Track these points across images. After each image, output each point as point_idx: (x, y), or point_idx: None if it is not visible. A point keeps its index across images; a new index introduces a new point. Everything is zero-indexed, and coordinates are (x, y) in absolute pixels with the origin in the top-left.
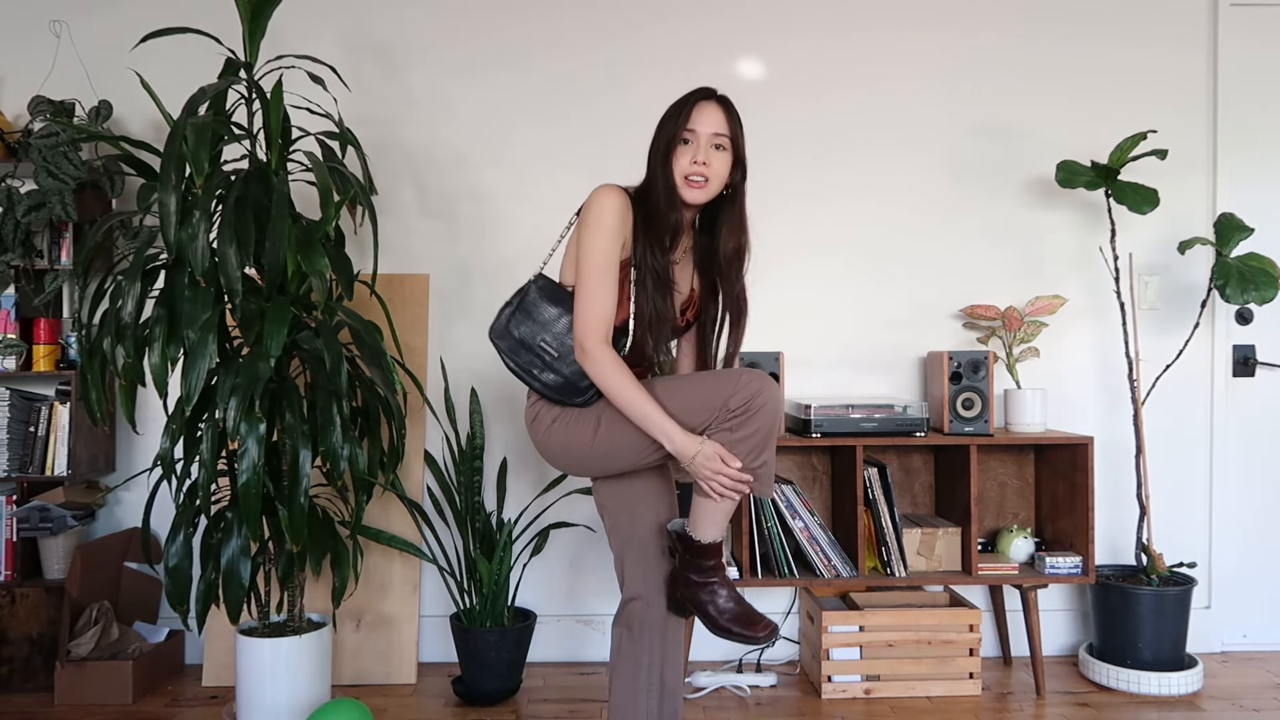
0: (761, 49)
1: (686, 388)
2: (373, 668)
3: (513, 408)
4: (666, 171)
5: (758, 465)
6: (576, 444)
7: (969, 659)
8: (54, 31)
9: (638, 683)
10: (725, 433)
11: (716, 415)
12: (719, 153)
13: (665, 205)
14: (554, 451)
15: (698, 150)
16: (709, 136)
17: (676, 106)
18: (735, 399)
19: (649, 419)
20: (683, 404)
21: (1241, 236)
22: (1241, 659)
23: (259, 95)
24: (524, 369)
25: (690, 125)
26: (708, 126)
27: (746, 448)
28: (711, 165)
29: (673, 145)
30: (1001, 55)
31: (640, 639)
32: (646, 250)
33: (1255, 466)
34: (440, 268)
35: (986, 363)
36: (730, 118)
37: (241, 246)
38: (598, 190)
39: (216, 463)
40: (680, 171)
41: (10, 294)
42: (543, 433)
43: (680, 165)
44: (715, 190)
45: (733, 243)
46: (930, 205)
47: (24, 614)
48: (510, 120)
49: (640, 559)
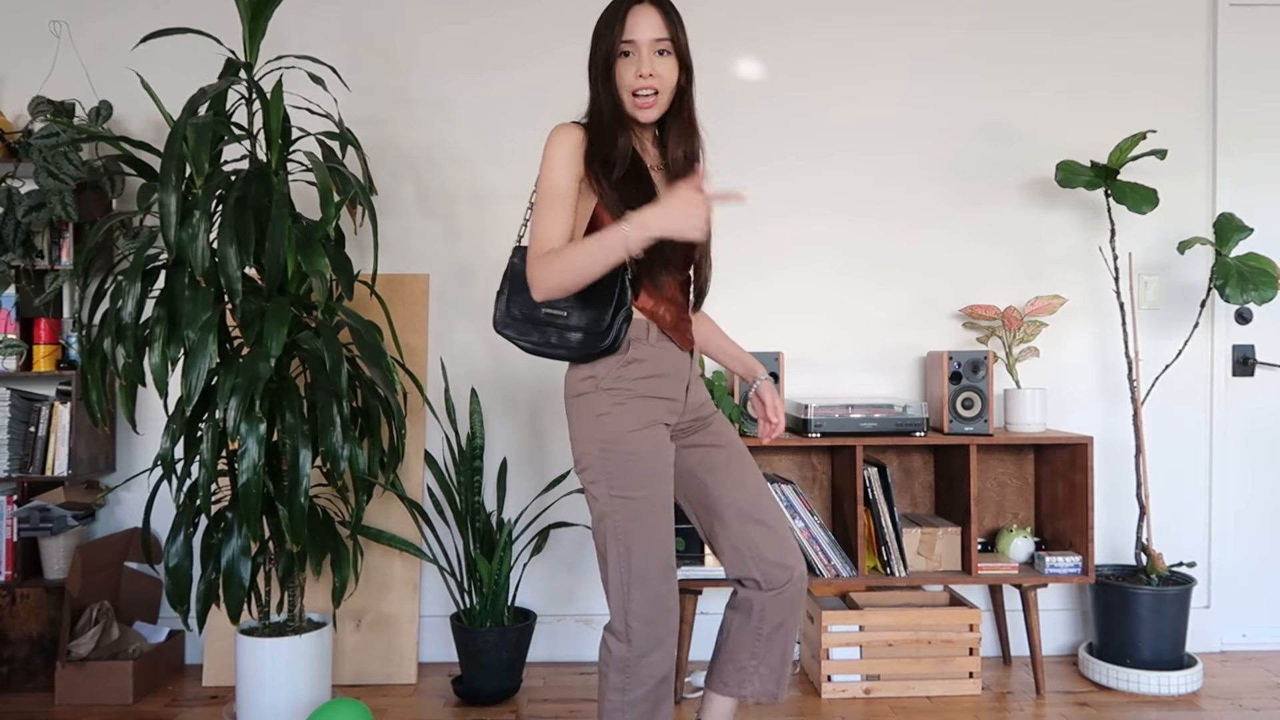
0: (759, 46)
1: (749, 486)
2: (373, 668)
3: (513, 408)
4: (610, 89)
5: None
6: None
7: (969, 659)
8: (54, 31)
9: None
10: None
11: (748, 547)
12: (664, 59)
13: (610, 123)
14: (593, 440)
15: (640, 62)
16: (650, 44)
17: (608, 15)
18: (775, 565)
19: (604, 242)
20: (742, 488)
21: (1241, 236)
22: (1241, 658)
23: (259, 95)
24: (542, 345)
25: (627, 35)
26: (647, 33)
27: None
28: (659, 75)
29: (612, 59)
30: (1002, 55)
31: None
32: (597, 176)
33: (1255, 466)
34: (440, 268)
35: (986, 363)
36: (668, 18)
37: (241, 246)
38: (552, 130)
39: (216, 463)
40: (626, 88)
41: (10, 294)
42: (590, 419)
43: (625, 80)
44: (666, 103)
45: (682, 149)
46: (930, 205)
47: (24, 614)
48: (510, 119)
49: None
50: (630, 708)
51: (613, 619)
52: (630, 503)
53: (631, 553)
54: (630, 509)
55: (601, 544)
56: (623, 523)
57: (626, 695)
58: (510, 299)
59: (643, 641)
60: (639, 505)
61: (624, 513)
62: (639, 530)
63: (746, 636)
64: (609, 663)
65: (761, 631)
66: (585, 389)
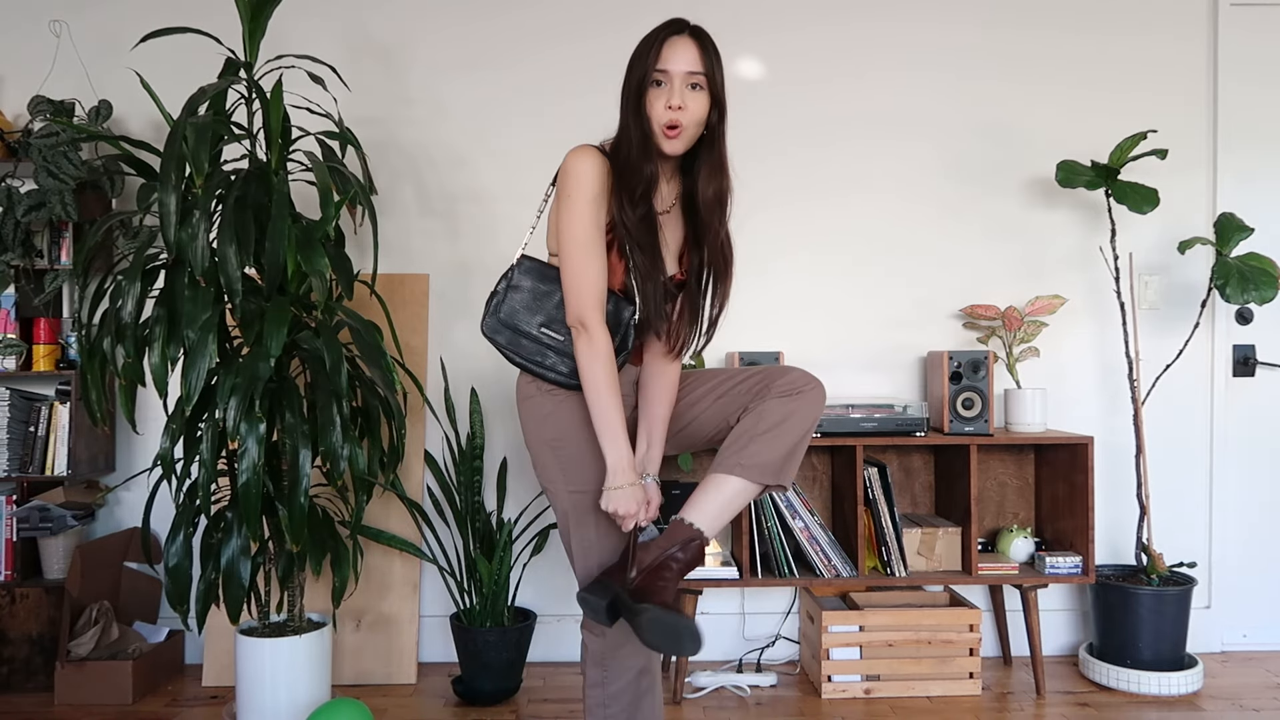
0: (758, 41)
1: (729, 373)
2: (373, 668)
3: (513, 407)
4: (640, 119)
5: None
6: (572, 440)
7: (969, 659)
8: (54, 31)
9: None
10: (778, 399)
11: (756, 393)
12: (695, 93)
13: (639, 156)
14: (542, 441)
15: (672, 93)
16: (683, 76)
17: (645, 44)
18: (783, 381)
19: (609, 424)
20: (723, 383)
21: (1241, 236)
22: (1241, 659)
23: (259, 95)
24: (529, 360)
25: (661, 65)
26: (681, 65)
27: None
28: (688, 109)
29: (644, 89)
30: (1002, 55)
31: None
32: (620, 208)
33: (1255, 466)
34: (440, 268)
35: (986, 362)
36: (705, 52)
37: (241, 246)
38: (571, 154)
39: (216, 463)
40: (657, 119)
41: (10, 294)
42: (537, 420)
43: (655, 112)
44: (693, 137)
45: (712, 188)
46: (930, 204)
47: (24, 614)
48: (510, 118)
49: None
50: (612, 700)
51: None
52: (586, 496)
53: (595, 545)
54: (588, 502)
55: (567, 541)
56: (582, 517)
57: (607, 689)
58: (508, 307)
59: (615, 633)
60: (595, 498)
61: (583, 507)
62: (600, 522)
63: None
64: (586, 659)
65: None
66: (530, 393)
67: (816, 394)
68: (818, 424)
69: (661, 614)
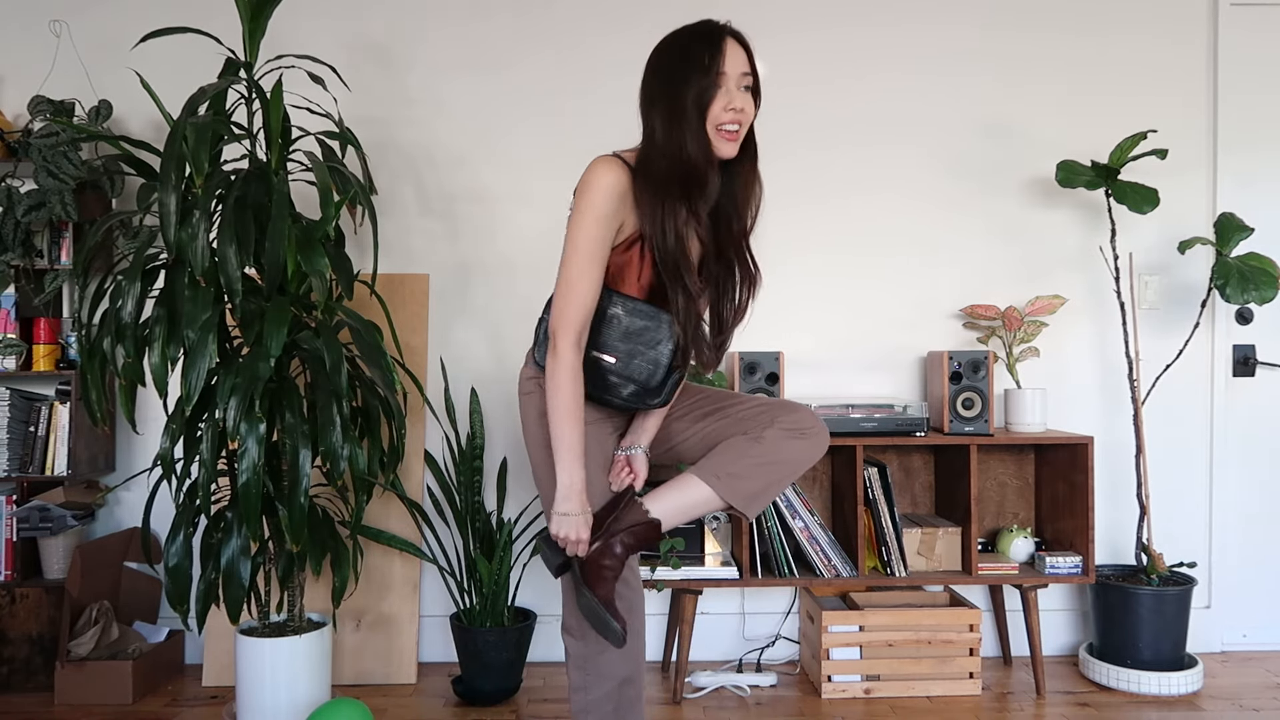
0: (759, 42)
1: (735, 397)
2: (373, 668)
3: (513, 407)
4: (702, 127)
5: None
6: None
7: (969, 659)
8: (54, 31)
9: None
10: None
11: (760, 422)
12: (747, 95)
13: (704, 165)
14: (540, 440)
15: (731, 96)
16: (739, 78)
17: (692, 48)
18: (791, 418)
19: (567, 445)
20: (728, 407)
21: (1241, 236)
22: (1241, 659)
23: (259, 95)
24: (593, 388)
25: (723, 68)
26: (736, 66)
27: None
28: (745, 111)
29: (709, 96)
30: (1002, 55)
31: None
32: (667, 222)
33: (1255, 466)
34: (440, 268)
35: (986, 362)
36: (749, 53)
37: (241, 246)
38: (592, 165)
39: (216, 463)
40: (714, 122)
41: (10, 294)
42: (535, 417)
43: (714, 114)
44: (742, 139)
45: (754, 191)
46: (930, 204)
47: (24, 614)
48: (510, 118)
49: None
50: (594, 707)
51: (565, 615)
52: None
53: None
54: None
55: (548, 509)
56: None
57: (589, 695)
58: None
59: (594, 640)
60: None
61: None
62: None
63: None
64: (569, 663)
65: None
66: (530, 389)
67: (820, 440)
68: None
69: (598, 607)
